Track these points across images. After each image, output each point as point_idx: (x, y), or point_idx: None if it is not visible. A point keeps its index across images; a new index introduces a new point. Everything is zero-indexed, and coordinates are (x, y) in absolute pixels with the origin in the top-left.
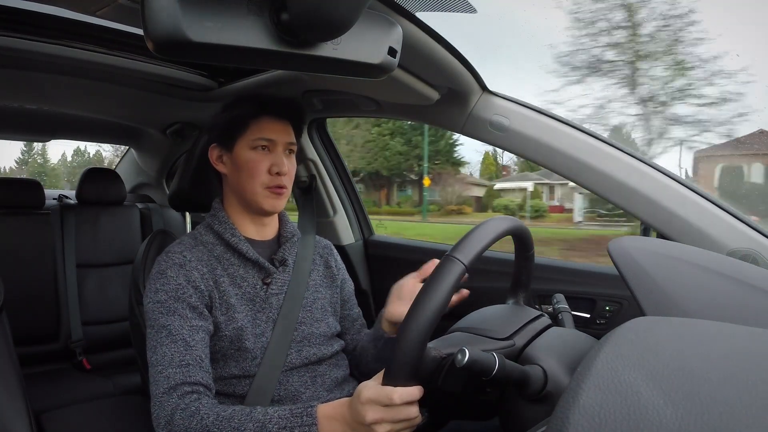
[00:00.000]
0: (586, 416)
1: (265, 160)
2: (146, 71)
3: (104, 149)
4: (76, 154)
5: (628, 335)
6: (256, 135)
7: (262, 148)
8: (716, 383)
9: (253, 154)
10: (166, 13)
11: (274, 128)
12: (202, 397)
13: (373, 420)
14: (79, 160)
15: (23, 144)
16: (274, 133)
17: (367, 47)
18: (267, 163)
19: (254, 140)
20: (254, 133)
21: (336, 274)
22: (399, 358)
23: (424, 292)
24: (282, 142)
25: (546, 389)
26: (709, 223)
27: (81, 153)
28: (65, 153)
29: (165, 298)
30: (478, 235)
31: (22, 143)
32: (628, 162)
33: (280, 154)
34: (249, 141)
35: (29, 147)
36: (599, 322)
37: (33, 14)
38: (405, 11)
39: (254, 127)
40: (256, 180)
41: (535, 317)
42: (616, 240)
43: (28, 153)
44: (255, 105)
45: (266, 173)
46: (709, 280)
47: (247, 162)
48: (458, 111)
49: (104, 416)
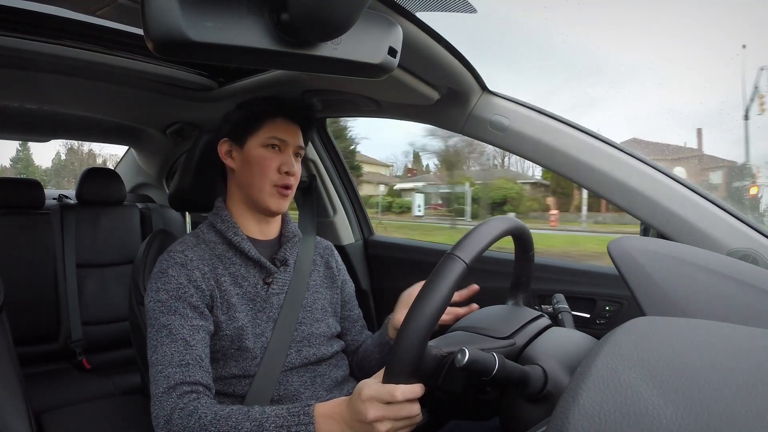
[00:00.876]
0: (586, 416)
1: (276, 158)
2: (146, 71)
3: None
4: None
5: (628, 335)
6: (270, 134)
7: (273, 147)
8: (716, 383)
9: (265, 151)
10: (166, 13)
11: (287, 130)
12: (201, 397)
13: (374, 417)
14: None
15: (19, 144)
16: (287, 134)
17: (367, 47)
18: (277, 162)
19: (267, 138)
20: (268, 132)
21: (336, 275)
22: (400, 356)
23: (426, 290)
24: (293, 144)
25: (546, 389)
26: (709, 223)
27: (75, 151)
28: (59, 152)
29: (166, 297)
30: (479, 234)
31: (18, 143)
32: (628, 162)
33: (290, 155)
34: (262, 139)
35: (24, 146)
36: (599, 322)
37: (33, 14)
38: (405, 11)
39: (269, 126)
40: (265, 177)
41: (535, 317)
42: (616, 240)
43: (23, 151)
44: (272, 105)
45: (276, 171)
46: (709, 280)
47: (258, 159)
48: (458, 111)
49: (104, 416)
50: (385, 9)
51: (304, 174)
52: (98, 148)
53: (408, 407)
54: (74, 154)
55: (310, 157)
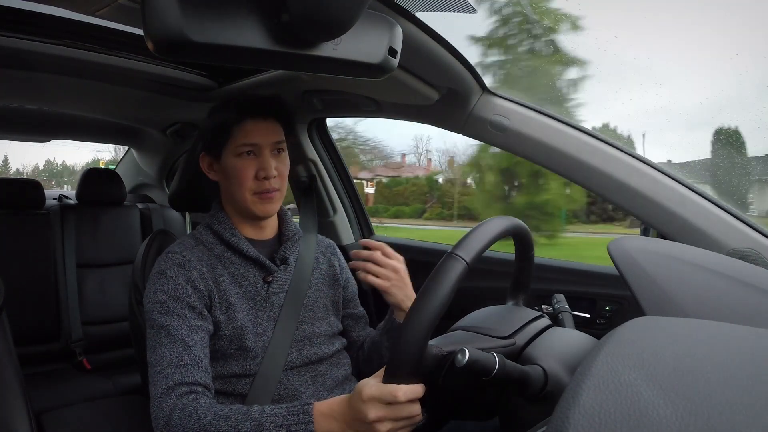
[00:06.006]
0: (586, 416)
1: (251, 166)
2: (146, 71)
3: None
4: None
5: (628, 335)
6: (240, 141)
7: (248, 153)
8: (716, 383)
9: (239, 161)
10: (166, 13)
11: (257, 131)
12: (200, 397)
13: (375, 418)
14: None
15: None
16: (257, 136)
17: (367, 47)
18: (253, 168)
19: (238, 147)
20: (238, 139)
21: (339, 273)
22: (401, 355)
23: (427, 289)
24: (267, 144)
25: (546, 389)
26: (709, 223)
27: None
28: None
29: (164, 298)
30: (480, 234)
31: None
32: (628, 162)
33: (267, 157)
34: (234, 148)
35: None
36: (599, 322)
37: (33, 14)
38: (405, 11)
39: (237, 132)
40: (243, 187)
41: (535, 317)
42: (616, 240)
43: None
44: (235, 110)
45: (253, 179)
46: (709, 280)
47: (233, 170)
48: (458, 111)
49: (104, 416)
50: (385, 9)
51: (304, 174)
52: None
53: (409, 407)
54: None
55: (310, 157)
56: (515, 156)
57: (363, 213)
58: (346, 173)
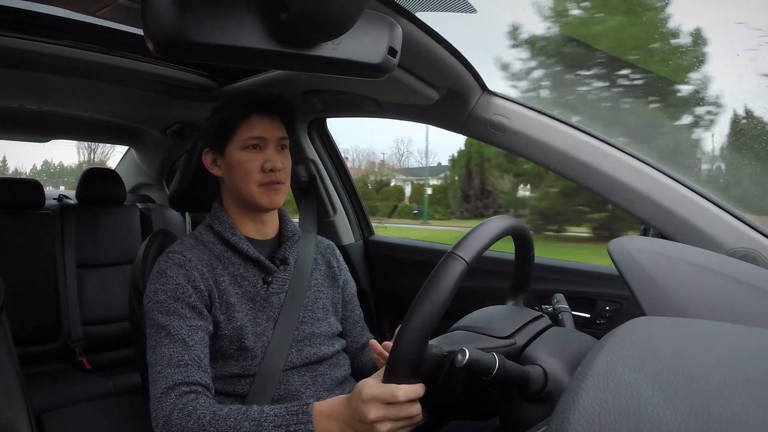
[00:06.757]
0: (586, 416)
1: (257, 158)
2: (146, 71)
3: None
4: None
5: (628, 335)
6: (246, 135)
7: (253, 147)
8: (716, 383)
9: (245, 154)
10: (166, 13)
11: (263, 126)
12: (200, 397)
13: (375, 418)
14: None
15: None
16: (263, 130)
17: (367, 47)
18: (259, 161)
19: (244, 140)
20: (244, 134)
21: (338, 274)
22: (401, 355)
23: (427, 289)
24: (273, 139)
25: (546, 389)
26: (709, 223)
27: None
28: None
29: (164, 298)
30: (480, 234)
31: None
32: (628, 162)
33: (272, 150)
34: (239, 142)
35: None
36: (599, 322)
37: (33, 14)
38: (405, 11)
39: (243, 127)
40: (250, 179)
41: (535, 317)
42: (616, 240)
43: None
44: (241, 106)
45: (259, 171)
46: (709, 280)
47: (239, 163)
48: (458, 111)
49: (104, 416)
50: (385, 9)
51: (305, 174)
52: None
53: (409, 407)
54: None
55: (310, 157)
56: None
57: (363, 213)
58: (346, 173)
